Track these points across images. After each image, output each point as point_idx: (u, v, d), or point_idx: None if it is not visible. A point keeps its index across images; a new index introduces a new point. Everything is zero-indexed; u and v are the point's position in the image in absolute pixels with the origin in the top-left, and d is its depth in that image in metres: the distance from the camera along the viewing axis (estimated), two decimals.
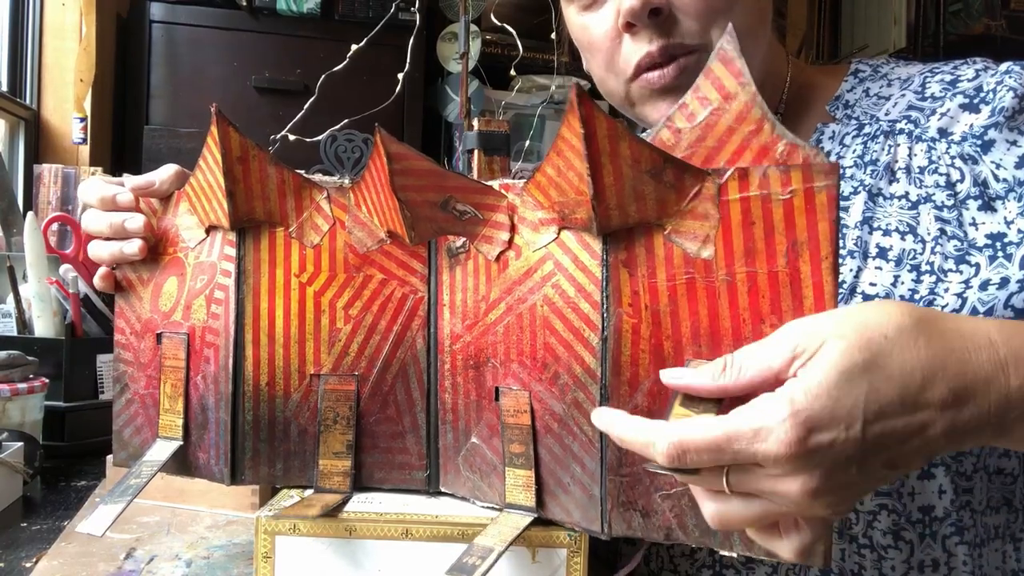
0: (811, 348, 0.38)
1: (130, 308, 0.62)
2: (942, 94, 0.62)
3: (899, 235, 0.60)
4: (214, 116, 0.52)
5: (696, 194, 0.45)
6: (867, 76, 0.68)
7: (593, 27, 0.65)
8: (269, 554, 0.53)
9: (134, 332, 0.61)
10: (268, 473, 0.58)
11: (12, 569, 0.65)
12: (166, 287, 0.60)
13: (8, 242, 1.36)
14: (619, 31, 0.63)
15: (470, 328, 0.54)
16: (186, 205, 0.60)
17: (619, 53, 0.64)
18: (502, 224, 0.52)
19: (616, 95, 0.68)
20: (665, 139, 0.47)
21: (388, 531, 0.52)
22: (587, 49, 0.68)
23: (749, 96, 0.45)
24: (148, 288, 0.61)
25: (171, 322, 0.60)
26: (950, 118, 0.60)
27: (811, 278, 0.43)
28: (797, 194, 0.44)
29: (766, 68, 0.67)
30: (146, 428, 0.61)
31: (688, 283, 0.46)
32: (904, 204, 0.60)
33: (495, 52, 2.31)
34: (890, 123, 0.63)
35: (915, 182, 0.61)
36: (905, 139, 0.62)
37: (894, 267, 0.60)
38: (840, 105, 0.67)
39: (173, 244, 0.60)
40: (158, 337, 0.60)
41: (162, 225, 0.61)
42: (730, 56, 0.45)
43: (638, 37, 0.62)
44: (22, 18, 1.88)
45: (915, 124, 0.62)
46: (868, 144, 0.63)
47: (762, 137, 0.45)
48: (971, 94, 0.60)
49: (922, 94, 0.62)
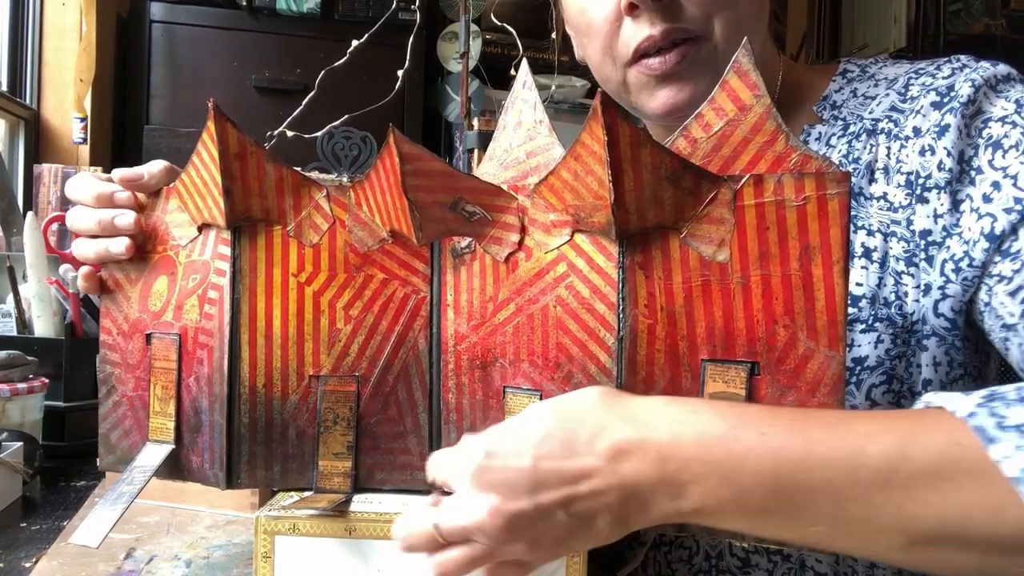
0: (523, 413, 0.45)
1: (117, 308, 0.60)
2: (918, 94, 0.61)
3: (881, 236, 0.60)
4: (212, 112, 0.51)
5: (713, 199, 0.47)
6: (855, 76, 0.68)
7: (592, 9, 0.65)
8: (269, 554, 0.52)
9: (121, 332, 0.60)
10: (265, 476, 0.57)
11: (12, 569, 0.65)
12: (156, 286, 0.59)
13: (8, 242, 1.36)
14: (620, 14, 0.62)
15: (476, 328, 0.54)
16: (176, 202, 0.58)
17: (618, 36, 0.63)
18: (512, 226, 0.53)
19: (612, 81, 0.67)
20: (681, 148, 0.49)
21: (388, 531, 0.52)
22: (584, 33, 0.67)
23: (764, 108, 0.47)
24: (136, 287, 0.60)
25: (161, 322, 0.58)
26: (923, 116, 0.59)
27: (823, 281, 0.46)
28: (810, 201, 0.46)
29: (760, 66, 0.67)
30: (135, 431, 0.60)
31: (703, 285, 0.48)
32: (883, 204, 0.60)
33: (495, 52, 2.31)
34: (873, 122, 0.62)
35: (889, 182, 0.60)
36: (884, 138, 0.61)
37: (879, 269, 0.60)
38: (827, 106, 0.67)
39: (163, 242, 0.59)
40: (147, 338, 0.59)
41: (150, 222, 0.59)
42: (745, 69, 0.48)
43: (640, 20, 0.62)
44: (22, 18, 1.88)
45: (895, 123, 0.61)
46: (852, 143, 0.63)
47: (776, 148, 0.47)
48: (943, 91, 0.59)
49: (904, 95, 0.62)
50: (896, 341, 0.59)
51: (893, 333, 0.59)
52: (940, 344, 0.59)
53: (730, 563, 0.65)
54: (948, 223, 0.57)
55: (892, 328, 0.59)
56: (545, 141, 0.56)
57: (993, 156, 0.56)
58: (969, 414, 0.40)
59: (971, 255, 0.55)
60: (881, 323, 0.59)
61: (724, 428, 0.41)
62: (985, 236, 0.54)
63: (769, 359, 0.48)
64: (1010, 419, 0.39)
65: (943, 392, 0.43)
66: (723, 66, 0.63)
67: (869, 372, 0.59)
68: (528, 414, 0.45)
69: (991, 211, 0.54)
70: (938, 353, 0.59)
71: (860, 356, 0.59)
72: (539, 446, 0.42)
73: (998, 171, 0.55)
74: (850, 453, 0.40)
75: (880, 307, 0.59)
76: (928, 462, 0.39)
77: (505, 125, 0.59)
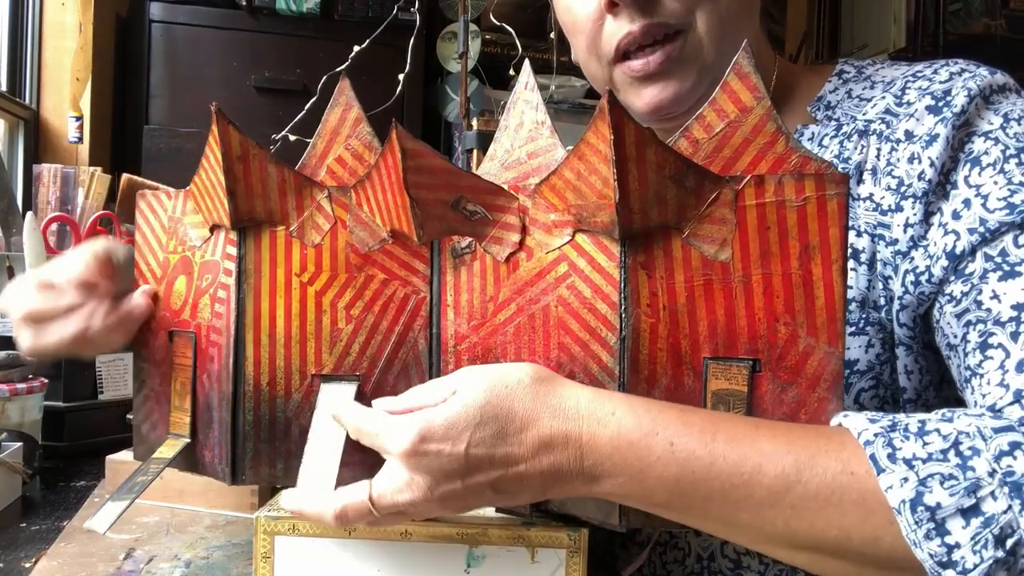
0: (459, 389, 0.47)
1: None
2: (915, 98, 0.60)
3: (868, 237, 0.59)
4: (214, 115, 0.52)
5: (715, 200, 0.48)
6: (851, 77, 0.67)
7: (577, 8, 0.65)
8: (268, 554, 0.52)
9: (149, 330, 0.62)
10: (269, 473, 0.57)
11: (11, 569, 0.65)
12: (176, 285, 0.61)
13: (8, 242, 1.36)
14: (602, 12, 0.62)
15: (477, 328, 0.54)
16: (192, 204, 0.60)
17: (601, 35, 0.64)
18: (513, 225, 0.53)
19: (599, 79, 0.68)
20: (683, 149, 0.50)
21: (387, 531, 0.52)
22: (571, 32, 0.68)
23: (765, 110, 0.48)
24: (161, 286, 0.62)
25: (180, 320, 0.60)
26: (916, 120, 0.58)
27: (822, 280, 0.47)
28: (810, 201, 0.47)
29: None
30: (160, 424, 0.62)
31: (705, 284, 0.49)
32: (869, 205, 0.60)
33: (495, 52, 2.31)
34: (865, 123, 0.62)
35: (877, 183, 0.59)
36: (875, 140, 0.60)
37: (867, 271, 0.59)
38: (821, 106, 0.67)
39: (182, 243, 0.61)
40: (170, 335, 0.61)
41: (172, 222, 0.62)
42: (746, 71, 0.48)
43: (620, 17, 0.62)
44: (22, 18, 1.88)
45: (887, 125, 0.60)
46: (843, 143, 0.63)
47: (777, 149, 0.48)
48: (939, 95, 0.58)
49: (900, 99, 0.61)
50: (884, 346, 0.59)
51: (882, 338, 0.59)
52: (908, 353, 0.59)
53: (722, 564, 0.65)
54: (916, 234, 0.56)
55: (882, 333, 0.59)
56: (547, 142, 0.56)
57: (970, 172, 0.55)
58: (866, 442, 0.44)
59: (932, 271, 0.55)
60: (872, 327, 0.59)
61: (638, 435, 0.45)
62: (946, 254, 0.54)
63: (770, 356, 0.48)
64: (903, 451, 0.43)
65: (856, 413, 0.46)
66: (708, 60, 0.63)
67: (859, 376, 0.59)
68: (463, 392, 0.47)
69: (957, 228, 0.54)
70: (908, 361, 0.59)
71: (850, 360, 0.59)
72: (472, 433, 0.46)
73: (971, 188, 0.54)
74: (749, 471, 0.44)
75: (870, 310, 0.59)
76: (818, 488, 0.43)
77: (507, 126, 0.59)
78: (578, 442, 0.46)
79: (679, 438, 0.45)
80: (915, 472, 0.42)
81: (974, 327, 0.51)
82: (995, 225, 0.52)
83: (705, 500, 0.45)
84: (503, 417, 0.46)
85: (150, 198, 0.63)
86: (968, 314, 0.52)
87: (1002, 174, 0.54)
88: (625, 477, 0.46)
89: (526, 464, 0.46)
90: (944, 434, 0.43)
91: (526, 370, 0.48)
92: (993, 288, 0.51)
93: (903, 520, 0.41)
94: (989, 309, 0.51)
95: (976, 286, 0.52)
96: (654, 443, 0.45)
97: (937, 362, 0.60)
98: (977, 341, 0.51)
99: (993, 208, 0.53)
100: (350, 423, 0.51)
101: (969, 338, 0.52)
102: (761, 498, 0.44)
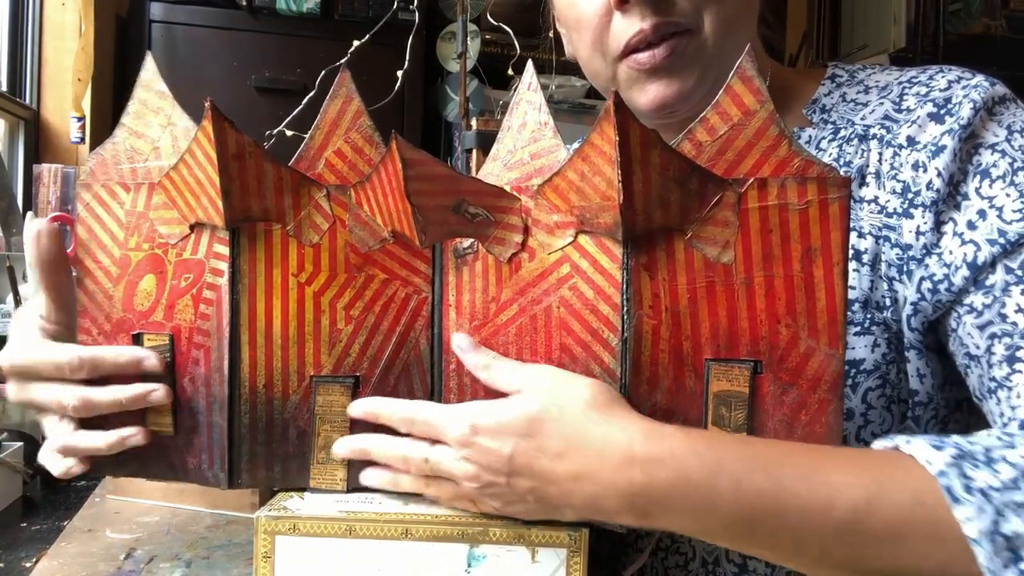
0: (524, 390, 0.49)
1: (96, 307, 0.57)
2: (915, 105, 0.60)
3: (873, 238, 0.60)
4: (208, 111, 0.50)
5: (718, 202, 0.48)
6: (844, 81, 0.68)
7: (582, 4, 0.64)
8: (269, 554, 0.52)
9: (102, 332, 0.57)
10: (266, 476, 0.57)
11: (12, 569, 0.65)
12: (142, 285, 0.57)
13: (8, 242, 1.36)
14: (610, 8, 0.62)
15: (479, 329, 0.54)
16: (162, 198, 0.56)
17: (608, 31, 0.63)
18: (515, 226, 0.53)
19: (602, 76, 0.67)
20: (687, 151, 0.50)
21: (388, 531, 0.52)
22: (574, 28, 0.67)
23: (767, 113, 0.48)
24: (119, 286, 0.57)
25: (151, 322, 0.57)
26: (918, 126, 0.59)
27: (824, 282, 0.48)
28: (812, 204, 0.48)
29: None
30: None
31: (708, 286, 0.49)
32: (875, 208, 0.60)
33: (494, 52, 2.31)
34: (865, 128, 0.62)
35: (882, 187, 0.60)
36: (877, 144, 0.61)
37: (870, 271, 0.60)
38: (817, 109, 0.67)
39: (148, 239, 0.57)
40: (134, 338, 0.57)
41: (131, 216, 0.57)
42: (749, 74, 0.49)
43: (631, 14, 0.61)
44: (22, 18, 1.88)
45: (887, 131, 0.61)
46: (843, 147, 0.63)
47: (779, 152, 0.48)
48: (940, 103, 0.59)
49: (899, 105, 0.61)
50: (891, 346, 0.60)
51: (888, 338, 0.60)
52: (920, 356, 0.60)
53: (727, 569, 0.65)
54: (929, 242, 0.57)
55: (887, 333, 0.60)
56: (550, 143, 0.56)
57: (980, 184, 0.56)
58: (940, 472, 0.43)
59: (951, 279, 0.55)
60: (877, 327, 0.59)
61: (703, 476, 0.44)
62: (967, 264, 0.55)
63: (772, 358, 0.49)
64: (976, 481, 0.42)
65: (917, 438, 0.45)
66: (712, 60, 0.63)
67: (866, 376, 0.60)
68: (524, 396, 0.49)
69: (975, 239, 0.55)
70: (920, 365, 0.60)
71: (857, 359, 0.59)
72: (517, 440, 0.47)
73: (984, 200, 0.55)
74: (820, 506, 0.43)
75: (874, 311, 0.60)
76: (891, 519, 0.43)
77: (510, 126, 0.59)
78: (629, 488, 0.45)
79: (745, 476, 0.44)
80: (991, 502, 0.42)
81: (999, 340, 0.52)
82: (1015, 237, 0.53)
83: (771, 536, 0.44)
84: (545, 436, 0.47)
85: (97, 189, 0.57)
86: (992, 327, 0.53)
87: (1013, 186, 0.55)
88: (687, 518, 0.45)
89: (558, 488, 0.47)
90: (1011, 462, 0.43)
91: (584, 393, 0.48)
92: (1017, 302, 0.52)
93: (981, 550, 0.41)
94: (1015, 323, 0.52)
95: (999, 299, 0.53)
96: (720, 485, 0.44)
97: (941, 364, 0.60)
98: (1004, 354, 0.52)
99: (1010, 220, 0.54)
100: (398, 415, 0.52)
101: (994, 350, 0.53)
102: (831, 532, 0.43)
